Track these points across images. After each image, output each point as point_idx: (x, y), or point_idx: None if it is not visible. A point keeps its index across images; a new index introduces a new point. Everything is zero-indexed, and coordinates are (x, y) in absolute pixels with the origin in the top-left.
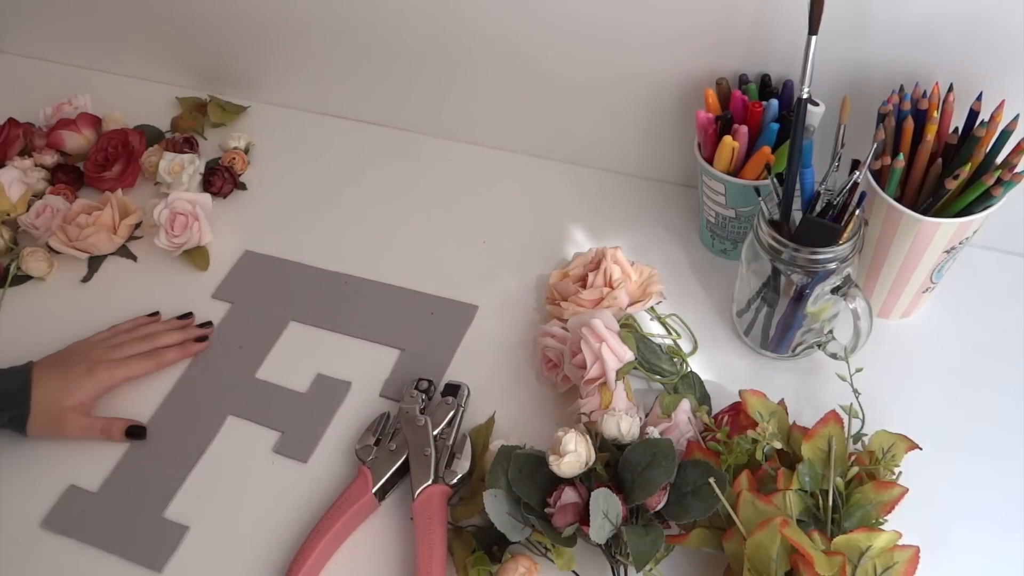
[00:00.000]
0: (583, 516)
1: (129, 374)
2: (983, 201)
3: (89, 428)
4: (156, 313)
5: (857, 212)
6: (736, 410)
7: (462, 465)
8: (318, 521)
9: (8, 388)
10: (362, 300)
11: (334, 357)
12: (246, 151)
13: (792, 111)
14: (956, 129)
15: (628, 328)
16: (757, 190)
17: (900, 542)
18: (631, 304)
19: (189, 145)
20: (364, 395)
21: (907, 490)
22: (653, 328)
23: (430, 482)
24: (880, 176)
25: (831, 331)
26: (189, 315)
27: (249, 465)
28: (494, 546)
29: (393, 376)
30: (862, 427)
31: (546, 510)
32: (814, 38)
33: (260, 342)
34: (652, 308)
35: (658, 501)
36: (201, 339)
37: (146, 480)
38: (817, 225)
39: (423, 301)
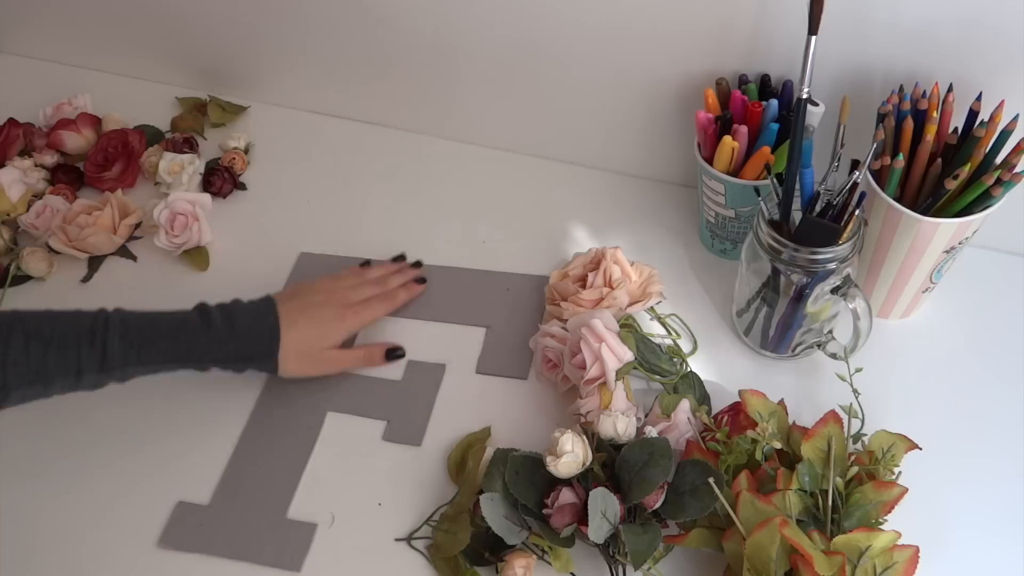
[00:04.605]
0: (581, 516)
1: (373, 316)
2: (983, 201)
3: (344, 359)
4: (367, 262)
5: (857, 212)
6: (736, 410)
7: None
8: None
9: (257, 332)
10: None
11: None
12: (246, 151)
13: (792, 111)
14: (956, 129)
15: (628, 328)
16: (757, 190)
17: (900, 542)
18: (631, 304)
19: (189, 145)
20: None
21: (907, 490)
22: (653, 328)
23: None
24: (880, 176)
25: (831, 331)
26: (402, 257)
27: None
28: (486, 552)
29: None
30: (862, 427)
31: (544, 511)
32: (814, 38)
33: None
34: (652, 308)
35: (655, 500)
36: (420, 280)
37: (258, 486)
38: (817, 225)
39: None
